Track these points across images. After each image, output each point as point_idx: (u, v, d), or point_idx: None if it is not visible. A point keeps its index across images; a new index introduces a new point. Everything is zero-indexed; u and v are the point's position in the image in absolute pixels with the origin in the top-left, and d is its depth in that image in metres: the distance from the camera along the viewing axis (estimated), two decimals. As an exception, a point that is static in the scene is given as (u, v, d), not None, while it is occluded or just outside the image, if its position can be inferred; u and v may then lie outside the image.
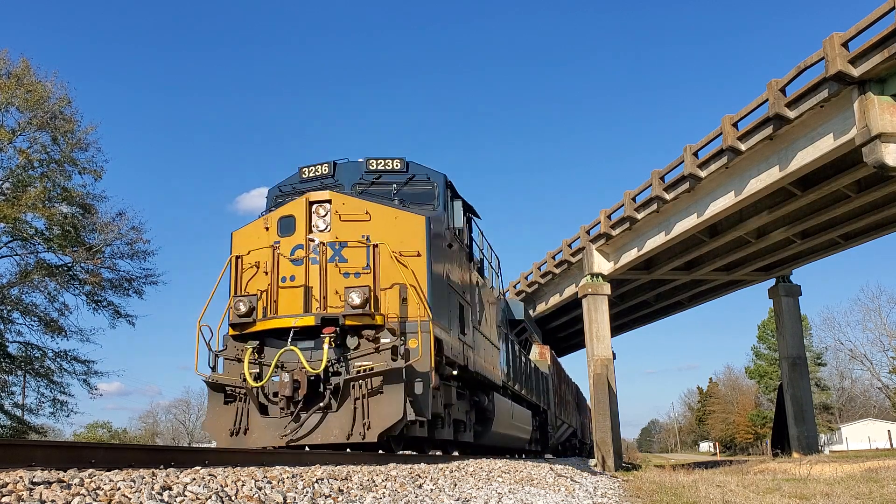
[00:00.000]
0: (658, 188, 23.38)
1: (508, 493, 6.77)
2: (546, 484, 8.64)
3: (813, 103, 17.12)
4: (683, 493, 9.12)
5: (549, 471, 10.54)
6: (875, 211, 23.21)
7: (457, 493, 6.10)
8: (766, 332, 73.15)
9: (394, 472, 6.35)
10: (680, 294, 34.64)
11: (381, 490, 5.34)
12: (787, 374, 31.07)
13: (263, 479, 4.41)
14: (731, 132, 19.75)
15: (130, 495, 3.28)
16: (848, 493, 8.97)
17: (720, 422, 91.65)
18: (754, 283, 32.62)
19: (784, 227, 24.54)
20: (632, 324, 41.09)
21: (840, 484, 10.77)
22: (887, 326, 59.09)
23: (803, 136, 18.29)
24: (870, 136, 15.55)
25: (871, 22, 15.29)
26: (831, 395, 74.82)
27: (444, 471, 7.37)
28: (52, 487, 3.11)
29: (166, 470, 4.06)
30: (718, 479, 12.86)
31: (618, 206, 26.10)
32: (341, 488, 4.92)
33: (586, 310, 28.05)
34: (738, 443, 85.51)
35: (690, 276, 29.78)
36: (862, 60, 15.54)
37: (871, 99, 15.62)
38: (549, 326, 38.13)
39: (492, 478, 8.00)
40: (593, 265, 27.96)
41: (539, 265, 34.39)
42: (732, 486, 10.81)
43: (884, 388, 63.70)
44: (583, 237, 28.69)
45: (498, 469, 8.92)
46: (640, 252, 26.20)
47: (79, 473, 3.46)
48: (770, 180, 19.66)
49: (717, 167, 20.75)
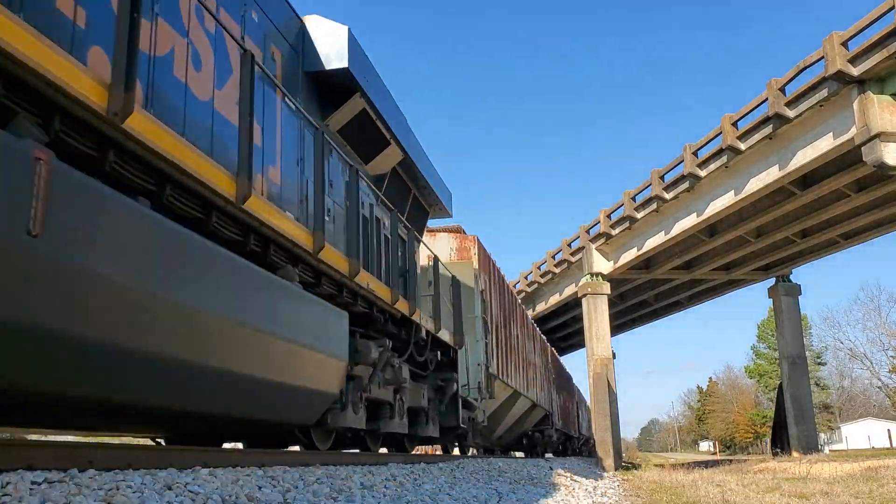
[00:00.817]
0: (658, 187, 23.38)
1: (509, 492, 6.77)
2: (546, 483, 8.64)
3: (812, 102, 17.14)
4: (683, 493, 9.12)
5: (549, 470, 10.54)
6: (874, 210, 23.20)
7: (457, 492, 6.10)
8: (765, 331, 73.16)
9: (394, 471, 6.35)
10: (680, 293, 34.63)
11: (382, 490, 5.34)
12: (786, 373, 31.07)
13: (264, 478, 4.42)
14: (731, 131, 19.76)
15: (131, 495, 3.28)
16: (847, 493, 8.97)
17: (720, 421, 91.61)
18: (754, 282, 32.61)
19: (784, 227, 24.53)
20: (631, 323, 41.07)
21: (840, 483, 10.78)
22: (887, 325, 59.13)
23: (803, 136, 18.29)
24: (869, 136, 15.55)
25: (870, 21, 15.30)
26: (831, 394, 74.78)
27: (445, 470, 7.36)
28: (52, 487, 3.11)
29: (167, 470, 4.06)
30: (718, 478, 12.86)
31: (617, 206, 26.10)
32: (341, 488, 4.92)
33: (586, 309, 28.04)
34: (737, 442, 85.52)
35: (690, 275, 29.77)
36: (861, 60, 15.54)
37: (871, 98, 15.62)
38: (549, 326, 38.14)
39: (492, 477, 8.00)
40: (593, 264, 27.96)
41: (539, 265, 34.39)
42: (732, 485, 10.81)
43: (883, 388, 63.64)
44: (582, 237, 28.69)
45: (498, 468, 8.92)
46: (639, 251, 26.19)
47: (79, 474, 3.46)
48: (770, 179, 19.65)
49: (717, 166, 20.75)
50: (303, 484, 4.65)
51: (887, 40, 14.88)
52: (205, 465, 4.47)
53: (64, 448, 3.82)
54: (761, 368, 76.40)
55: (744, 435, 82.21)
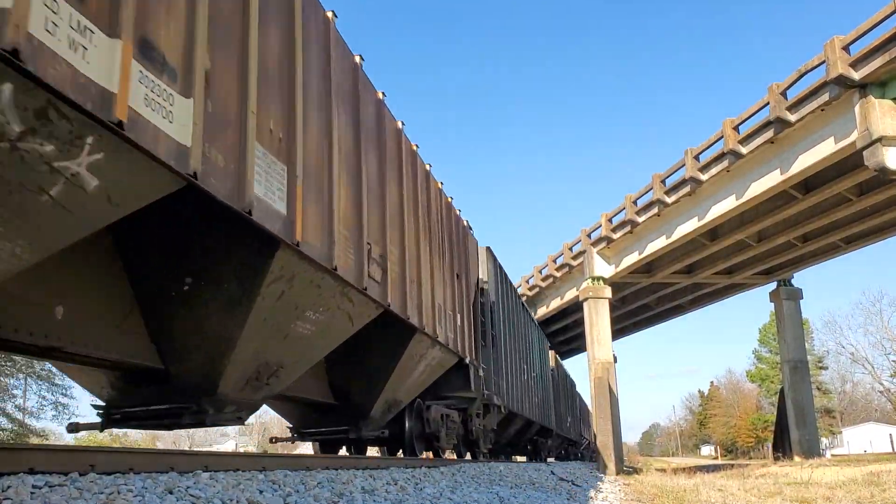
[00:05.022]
0: (659, 191, 23.37)
1: (510, 496, 6.76)
2: (548, 487, 8.63)
3: (814, 107, 17.14)
4: (685, 497, 9.10)
5: (550, 474, 10.53)
6: (876, 214, 23.20)
7: (458, 496, 6.09)
8: (767, 335, 73.10)
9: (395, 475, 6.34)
10: (681, 297, 34.61)
11: (383, 494, 5.33)
12: (788, 377, 31.03)
13: (265, 482, 4.41)
14: (732, 136, 19.77)
15: (132, 499, 3.28)
16: (849, 497, 8.95)
17: (721, 425, 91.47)
18: (755, 286, 32.59)
19: (785, 231, 24.53)
20: (633, 327, 41.04)
21: (841, 488, 10.75)
22: (889, 329, 59.07)
23: (804, 140, 18.29)
24: (871, 140, 15.56)
25: (872, 25, 15.31)
26: (833, 398, 74.69)
27: (446, 474, 7.35)
28: (53, 491, 3.11)
29: (168, 474, 4.06)
30: (720, 482, 12.84)
31: (619, 210, 26.10)
32: (342, 492, 4.91)
33: (587, 313, 28.02)
34: (739, 446, 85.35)
35: (691, 279, 29.76)
36: (863, 64, 15.55)
37: (872, 102, 15.63)
38: (551, 330, 38.12)
39: (493, 481, 7.99)
40: (594, 268, 27.94)
41: (540, 268, 34.37)
42: (734, 489, 10.79)
43: (885, 392, 63.53)
44: (584, 240, 28.68)
45: (500, 472, 8.91)
46: (641, 255, 26.18)
47: (80, 477, 3.46)
48: (771, 184, 19.66)
49: (719, 170, 20.75)
50: (304, 488, 4.65)
51: (889, 44, 14.89)
52: (206, 468, 4.47)
53: (65, 452, 3.82)
54: (763, 372, 76.31)
55: (745, 439, 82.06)
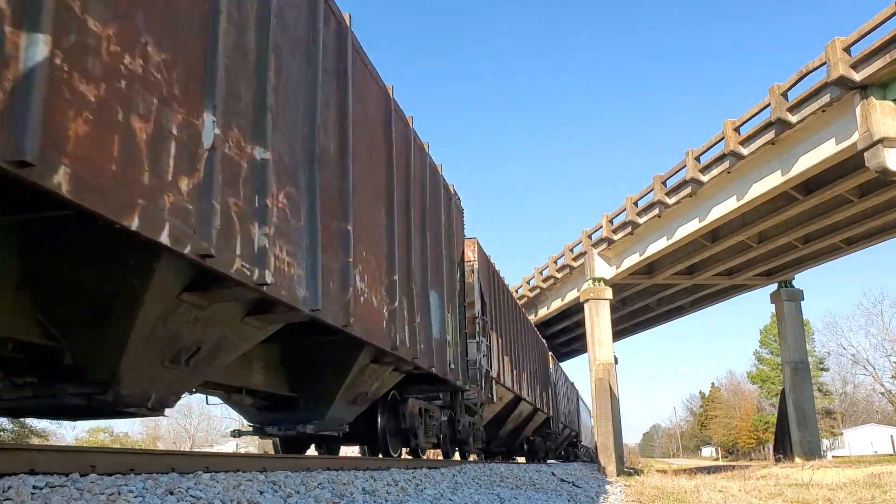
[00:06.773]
0: (660, 192, 23.37)
1: (511, 497, 6.75)
2: (549, 489, 8.62)
3: (815, 108, 17.13)
4: (686, 499, 9.09)
5: (550, 475, 10.52)
6: (877, 215, 23.19)
7: (459, 497, 6.08)
8: (768, 336, 73.05)
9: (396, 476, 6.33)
10: (682, 298, 34.60)
11: (384, 495, 5.33)
12: (789, 378, 31.01)
13: (265, 483, 4.41)
14: (733, 137, 19.76)
15: (132, 500, 3.28)
16: (850, 499, 8.94)
17: (722, 427, 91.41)
18: (756, 287, 32.58)
19: (786, 232, 24.53)
20: (634, 328, 41.03)
21: (843, 489, 10.74)
22: (889, 331, 59.06)
23: (805, 141, 18.29)
24: (872, 141, 15.55)
25: (873, 26, 15.31)
26: (834, 399, 74.64)
27: (447, 475, 7.35)
28: (54, 491, 3.11)
29: (168, 474, 4.06)
30: (721, 484, 12.83)
31: (620, 211, 26.10)
32: (343, 493, 4.91)
33: (588, 314, 28.01)
34: (740, 448, 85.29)
35: (692, 280, 29.75)
36: (864, 65, 15.55)
37: (873, 103, 15.62)
38: (551, 331, 38.11)
39: (494, 482, 7.98)
40: (595, 270, 27.94)
41: (541, 269, 34.37)
42: (735, 491, 10.78)
43: (886, 393, 63.48)
44: (585, 241, 28.67)
45: (500, 474, 8.90)
46: (641, 256, 26.17)
47: (81, 478, 3.46)
48: (772, 185, 19.66)
49: (719, 172, 20.75)
50: (304, 489, 4.65)
51: (890, 46, 14.89)
52: (206, 469, 4.47)
53: (66, 452, 3.82)
54: (764, 374, 76.24)
55: (746, 440, 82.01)
